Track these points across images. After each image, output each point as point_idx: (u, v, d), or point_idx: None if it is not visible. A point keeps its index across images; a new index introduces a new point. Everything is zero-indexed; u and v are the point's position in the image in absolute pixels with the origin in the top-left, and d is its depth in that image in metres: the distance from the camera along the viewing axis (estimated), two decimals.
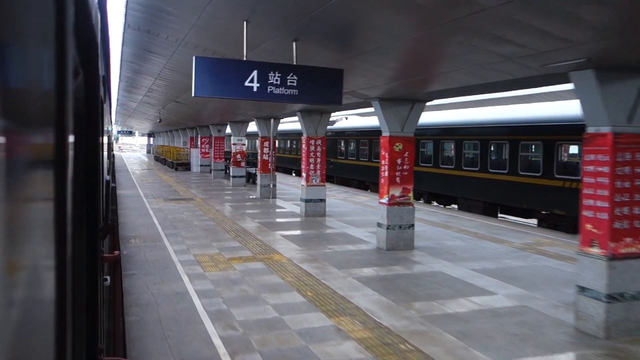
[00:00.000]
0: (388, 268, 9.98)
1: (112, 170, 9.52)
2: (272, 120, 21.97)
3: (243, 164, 26.94)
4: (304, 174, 16.93)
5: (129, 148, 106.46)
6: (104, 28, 2.67)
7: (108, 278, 3.25)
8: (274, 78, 7.97)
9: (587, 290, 6.76)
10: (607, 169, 6.54)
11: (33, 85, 0.60)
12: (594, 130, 6.70)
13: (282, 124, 35.72)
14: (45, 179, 0.68)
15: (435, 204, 21.18)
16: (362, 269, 9.86)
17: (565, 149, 15.37)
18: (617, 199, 6.56)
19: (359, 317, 7.25)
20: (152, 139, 78.00)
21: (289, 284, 8.79)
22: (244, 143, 27.24)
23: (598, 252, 6.64)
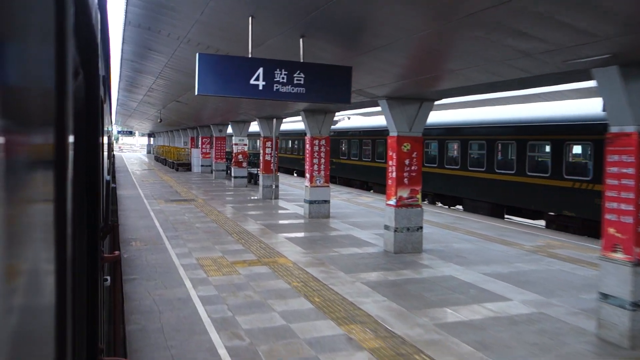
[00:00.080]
0: (397, 272, 9.67)
1: (112, 171, 9.31)
2: (274, 120, 21.67)
3: (245, 165, 26.64)
4: (308, 175, 16.61)
5: (129, 148, 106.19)
6: (104, 28, 2.69)
7: (108, 278, 3.24)
8: (281, 76, 7.66)
9: (610, 298, 6.45)
10: (632, 171, 6.22)
11: (33, 85, 0.59)
12: (618, 130, 6.39)
13: (282, 124, 35.33)
14: (46, 179, 0.68)
15: (440, 205, 20.88)
16: (370, 273, 9.55)
17: (575, 149, 15.06)
18: None
19: (370, 325, 6.94)
20: (152, 139, 77.69)
21: (296, 289, 8.48)
22: (246, 143, 26.94)
23: (622, 257, 6.33)
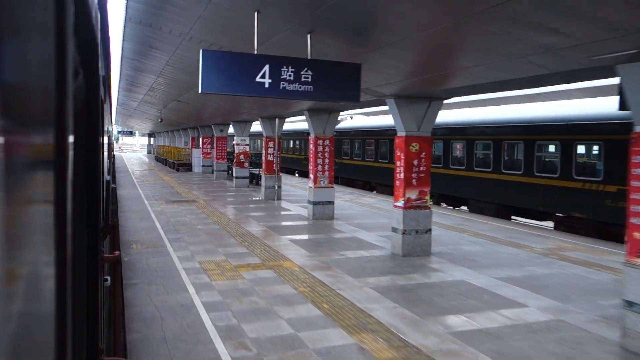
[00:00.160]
0: (406, 276, 9.36)
1: (112, 171, 9.03)
2: (277, 120, 21.35)
3: (246, 165, 26.34)
4: (312, 175, 16.30)
5: (130, 148, 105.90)
6: (104, 28, 2.67)
7: (108, 278, 3.23)
8: (287, 73, 7.36)
9: (635, 306, 6.14)
10: None
11: (33, 85, 0.59)
12: None
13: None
14: (46, 179, 0.67)
15: (445, 206, 20.58)
16: (379, 278, 9.24)
17: (585, 149, 14.74)
18: None
19: (382, 333, 6.63)
20: (152, 139, 77.39)
21: (303, 295, 8.17)
22: (247, 143, 26.63)
23: None
